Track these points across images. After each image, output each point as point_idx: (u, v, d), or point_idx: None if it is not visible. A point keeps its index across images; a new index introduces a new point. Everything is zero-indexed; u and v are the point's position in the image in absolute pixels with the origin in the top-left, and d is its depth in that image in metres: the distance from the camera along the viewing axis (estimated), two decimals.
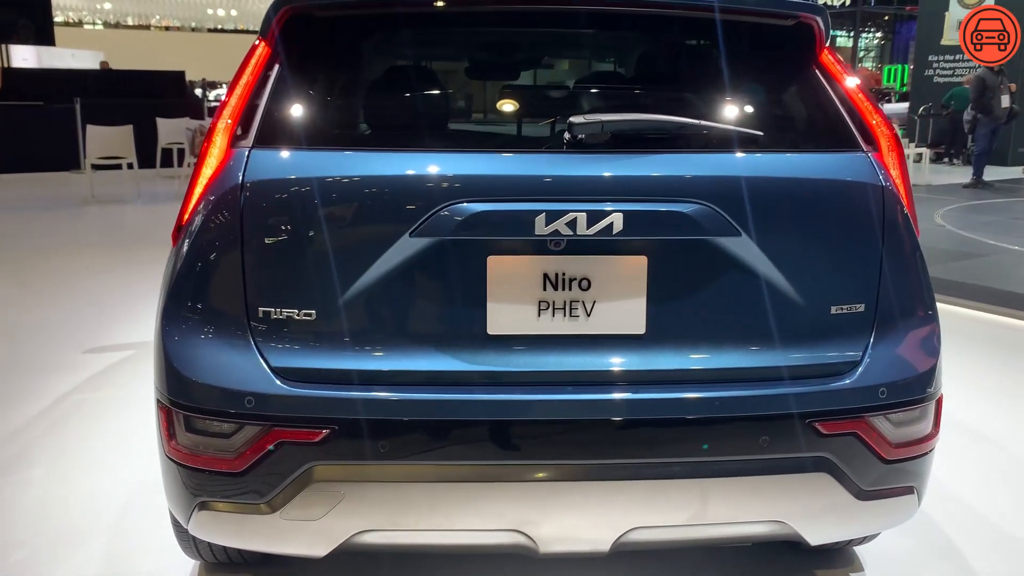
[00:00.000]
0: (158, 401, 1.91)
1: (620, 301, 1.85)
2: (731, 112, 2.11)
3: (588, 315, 1.85)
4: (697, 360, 1.88)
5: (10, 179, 12.09)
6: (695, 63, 2.38)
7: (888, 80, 31.60)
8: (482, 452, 1.81)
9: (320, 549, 1.85)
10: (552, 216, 1.77)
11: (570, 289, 1.84)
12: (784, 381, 1.88)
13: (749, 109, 2.14)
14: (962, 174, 13.40)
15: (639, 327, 1.86)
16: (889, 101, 22.55)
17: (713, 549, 2.61)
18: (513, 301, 1.84)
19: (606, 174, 1.84)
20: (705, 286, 1.88)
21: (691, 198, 1.82)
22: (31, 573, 2.47)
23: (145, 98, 13.94)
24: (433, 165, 1.85)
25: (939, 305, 2.09)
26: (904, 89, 25.50)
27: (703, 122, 1.94)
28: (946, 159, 16.38)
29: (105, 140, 10.41)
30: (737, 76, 2.10)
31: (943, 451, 3.38)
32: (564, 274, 1.83)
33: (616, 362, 1.86)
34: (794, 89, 2.17)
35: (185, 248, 1.89)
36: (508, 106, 2.42)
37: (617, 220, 1.78)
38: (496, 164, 1.87)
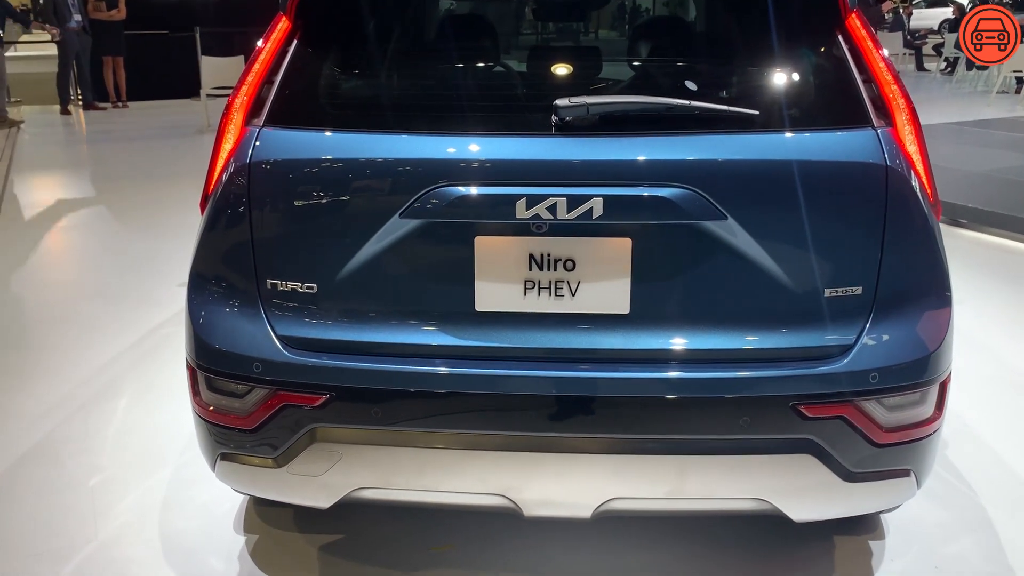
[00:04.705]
0: (187, 361, 2.10)
1: (605, 281, 1.88)
2: (729, 90, 2.05)
3: (573, 294, 1.89)
4: (680, 340, 1.90)
5: (139, 107, 12.86)
6: (700, 37, 2.30)
7: None
8: (467, 422, 1.91)
9: (323, 502, 2.02)
10: (532, 200, 1.80)
11: (555, 269, 1.88)
12: (768, 364, 1.87)
13: (751, 86, 2.06)
14: None
15: (623, 307, 1.89)
16: None
17: None
18: (500, 280, 1.89)
19: (586, 159, 1.84)
20: (691, 268, 1.88)
21: (674, 182, 1.81)
22: (105, 496, 2.77)
23: (260, 25, 14.33)
24: (421, 148, 1.90)
25: None
26: None
27: (693, 103, 1.90)
28: None
29: (219, 71, 10.96)
30: (743, 50, 2.04)
31: (1006, 417, 3.26)
32: (549, 255, 1.87)
33: (600, 340, 1.91)
34: (807, 64, 2.07)
35: (206, 222, 2.04)
36: (502, 88, 2.40)
37: (597, 205, 1.79)
38: (481, 147, 1.90)
